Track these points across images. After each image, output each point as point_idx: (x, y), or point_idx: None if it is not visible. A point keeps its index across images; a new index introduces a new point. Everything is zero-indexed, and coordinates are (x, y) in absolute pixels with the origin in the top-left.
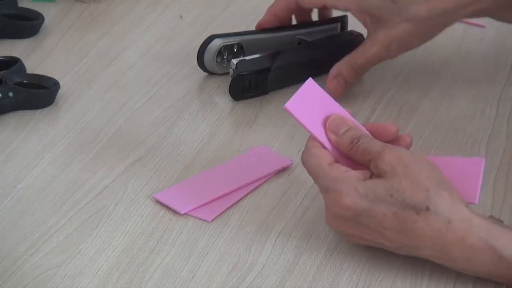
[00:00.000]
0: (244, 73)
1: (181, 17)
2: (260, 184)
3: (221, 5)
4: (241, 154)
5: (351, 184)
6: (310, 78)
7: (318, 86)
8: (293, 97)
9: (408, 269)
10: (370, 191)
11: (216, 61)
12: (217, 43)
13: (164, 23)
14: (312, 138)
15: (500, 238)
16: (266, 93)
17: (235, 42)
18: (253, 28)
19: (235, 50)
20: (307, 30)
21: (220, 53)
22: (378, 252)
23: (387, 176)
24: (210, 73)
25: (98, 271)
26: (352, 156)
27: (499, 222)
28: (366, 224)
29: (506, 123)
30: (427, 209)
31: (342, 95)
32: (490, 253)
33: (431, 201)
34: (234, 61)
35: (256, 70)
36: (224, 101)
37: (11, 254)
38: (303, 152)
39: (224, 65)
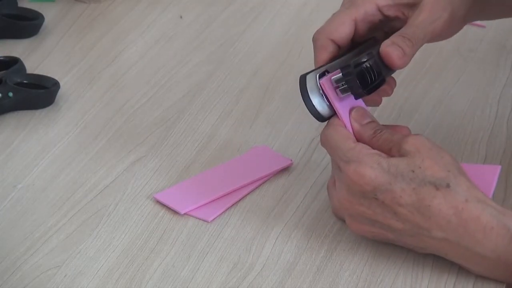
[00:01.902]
0: (359, 63)
1: (181, 17)
2: (260, 184)
3: (221, 5)
4: (241, 154)
5: (375, 158)
6: None
7: None
8: (329, 75)
9: (408, 269)
10: (392, 166)
11: (324, 99)
12: (311, 78)
13: (164, 23)
14: (337, 118)
15: None
16: (384, 81)
17: (324, 70)
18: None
19: None
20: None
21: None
22: (378, 252)
23: (410, 155)
24: (324, 118)
25: (98, 271)
26: (374, 144)
27: None
28: (382, 199)
29: (506, 123)
30: (448, 186)
31: (403, 62)
32: (502, 233)
33: (451, 180)
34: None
35: (365, 59)
36: (224, 101)
37: (11, 254)
38: (325, 128)
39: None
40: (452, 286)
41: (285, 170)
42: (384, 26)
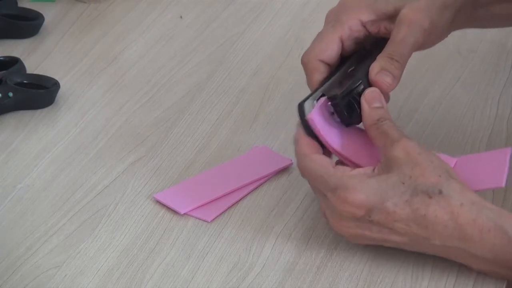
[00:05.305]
0: (348, 94)
1: (181, 17)
2: (260, 184)
3: (221, 5)
4: (241, 154)
5: (362, 179)
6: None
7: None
8: (318, 104)
9: (408, 269)
10: (382, 182)
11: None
12: (309, 104)
13: (164, 23)
14: (305, 144)
15: (509, 220)
16: None
17: (320, 95)
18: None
19: None
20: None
21: None
22: (378, 252)
23: (399, 164)
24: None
25: (98, 271)
26: (371, 132)
27: None
28: (377, 220)
29: (506, 123)
30: (440, 192)
31: (392, 88)
32: (500, 235)
33: (443, 185)
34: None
35: (353, 87)
36: (224, 101)
37: (11, 254)
38: (301, 160)
39: None
40: (452, 286)
41: (285, 170)
42: (370, 38)
